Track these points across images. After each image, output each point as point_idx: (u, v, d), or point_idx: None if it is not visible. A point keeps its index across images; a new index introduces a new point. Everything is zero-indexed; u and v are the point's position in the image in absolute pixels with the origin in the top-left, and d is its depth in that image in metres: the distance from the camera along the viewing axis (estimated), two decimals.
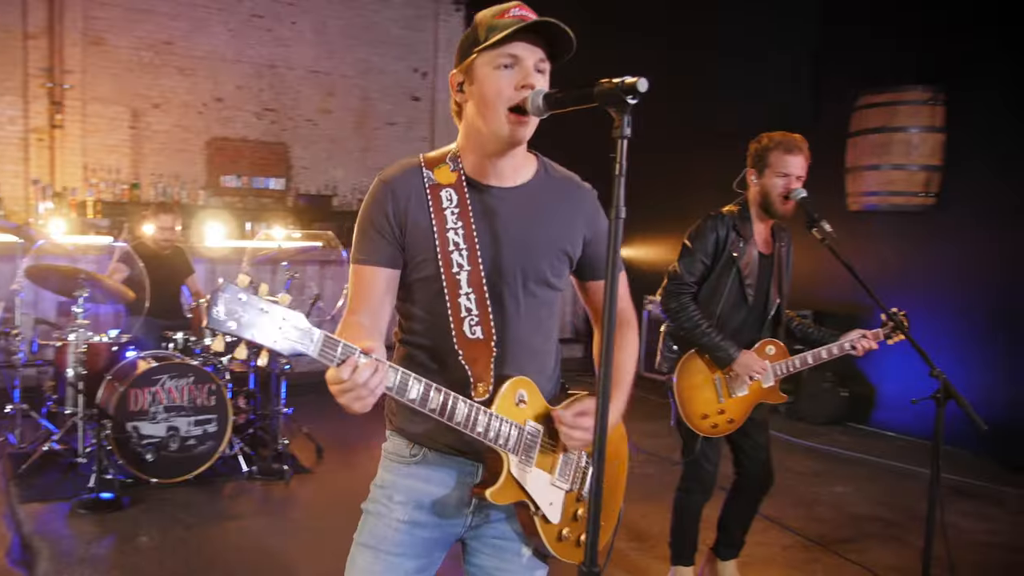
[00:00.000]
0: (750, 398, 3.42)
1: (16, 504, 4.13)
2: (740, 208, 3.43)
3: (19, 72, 8.65)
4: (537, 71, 1.72)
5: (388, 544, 1.83)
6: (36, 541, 3.66)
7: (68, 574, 3.60)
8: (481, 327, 1.77)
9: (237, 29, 10.17)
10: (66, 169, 8.77)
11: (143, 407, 4.60)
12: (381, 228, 1.78)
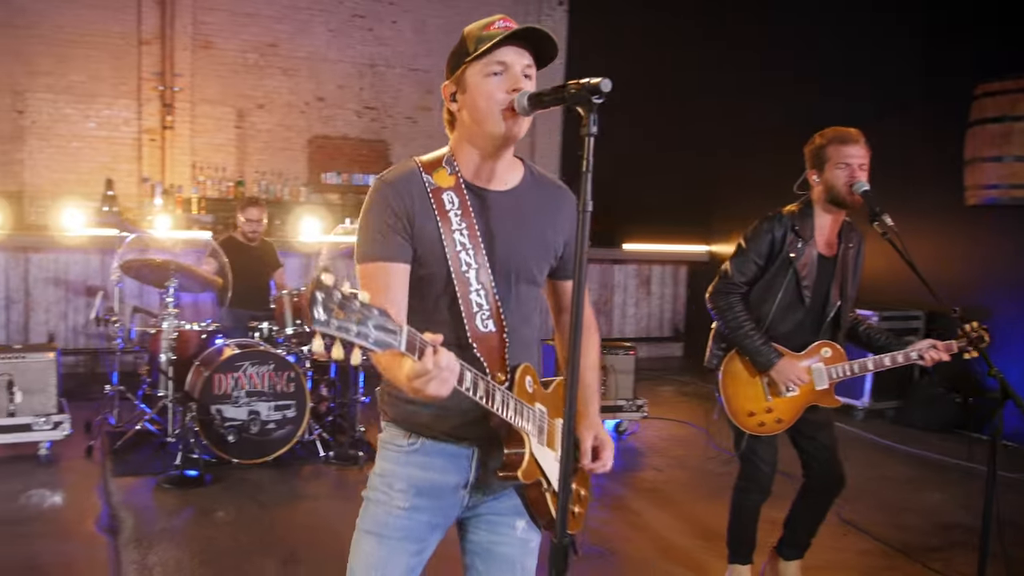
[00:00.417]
0: (800, 399, 3.40)
1: (109, 477, 4.55)
2: (801, 208, 3.41)
3: (133, 76, 9.37)
4: (524, 75, 1.85)
5: (390, 530, 1.96)
6: (122, 512, 4.04)
7: (147, 543, 3.92)
8: (493, 320, 1.90)
9: (338, 29, 10.62)
10: (175, 168, 9.44)
11: (226, 391, 4.93)
12: (394, 226, 1.87)
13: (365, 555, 1.97)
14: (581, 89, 1.65)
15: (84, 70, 9.17)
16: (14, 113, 8.92)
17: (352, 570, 1.98)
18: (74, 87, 9.14)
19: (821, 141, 3.32)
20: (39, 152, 9.00)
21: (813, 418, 3.46)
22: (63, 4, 8.99)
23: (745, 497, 3.55)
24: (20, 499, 4.37)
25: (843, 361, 3.42)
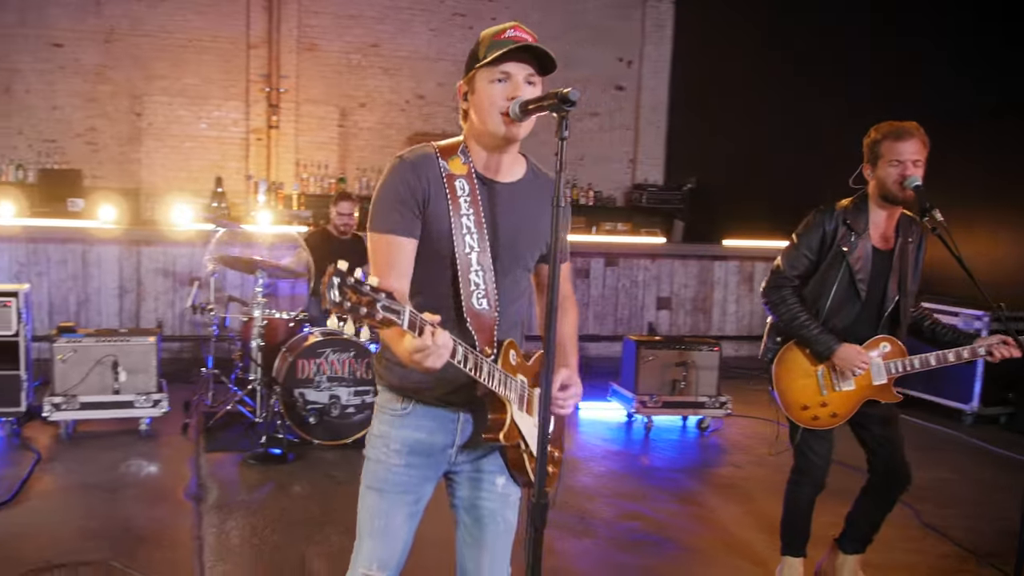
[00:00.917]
0: (856, 394, 3.45)
1: (201, 452, 5.02)
2: (855, 202, 3.47)
3: (242, 79, 10.08)
4: (528, 83, 2.10)
5: (390, 484, 2.25)
6: (209, 482, 4.49)
7: (227, 510, 4.35)
8: (487, 300, 2.16)
9: (439, 28, 11.03)
10: (280, 165, 10.08)
11: (309, 376, 5.34)
12: (407, 202, 2.11)
13: (369, 507, 2.27)
14: (556, 99, 1.90)
15: (197, 74, 9.95)
16: (133, 116, 9.77)
17: (360, 521, 2.28)
18: (187, 90, 9.93)
19: (876, 136, 3.38)
20: (155, 152, 9.83)
21: (874, 412, 3.51)
22: (177, 13, 9.79)
23: (798, 490, 3.64)
24: (120, 468, 4.92)
25: (903, 356, 3.45)
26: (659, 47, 11.95)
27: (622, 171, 12.02)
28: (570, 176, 11.65)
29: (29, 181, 9.12)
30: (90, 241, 7.41)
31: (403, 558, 2.30)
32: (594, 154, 11.83)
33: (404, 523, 2.26)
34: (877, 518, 3.70)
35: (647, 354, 6.38)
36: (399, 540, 2.26)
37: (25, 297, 5.53)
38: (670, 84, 11.98)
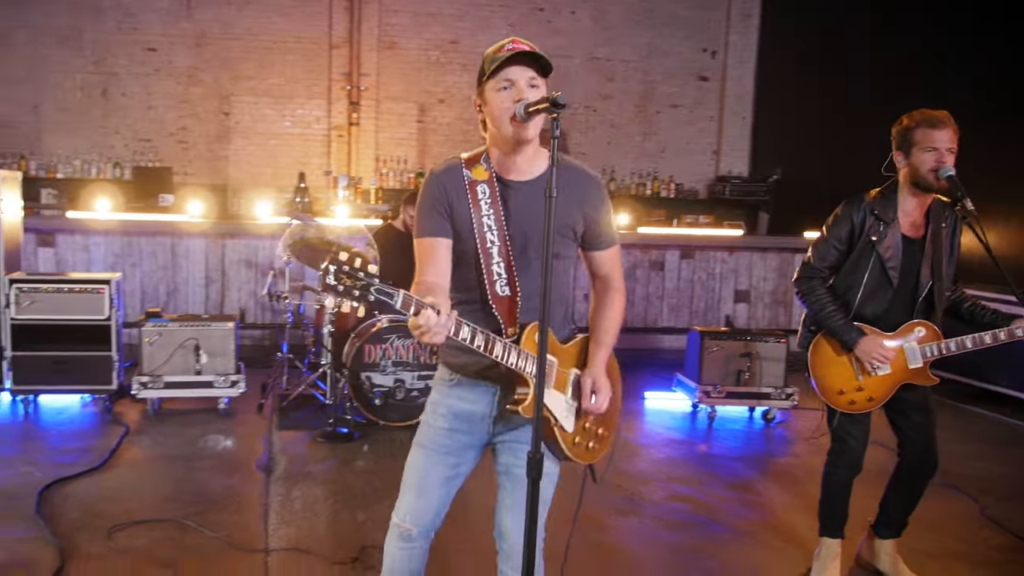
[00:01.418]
0: (891, 378, 3.58)
1: (274, 430, 5.46)
2: (883, 191, 3.60)
3: (324, 78, 10.66)
4: (531, 86, 2.36)
5: (433, 444, 2.59)
6: (279, 456, 4.92)
7: (293, 481, 4.77)
8: (509, 287, 2.48)
9: (518, 23, 11.37)
10: (361, 161, 10.62)
11: (375, 360, 5.72)
12: (435, 209, 2.47)
13: (413, 461, 2.63)
14: (549, 102, 2.18)
15: (282, 74, 10.58)
16: (221, 115, 10.48)
17: (404, 476, 2.64)
18: (272, 90, 10.57)
19: (909, 123, 3.50)
20: (242, 149, 10.52)
21: (910, 397, 3.65)
22: (263, 15, 10.44)
23: (835, 472, 3.78)
24: (199, 442, 5.42)
25: (938, 339, 3.57)
26: (745, 36, 11.96)
27: (705, 163, 12.10)
28: (650, 168, 11.82)
29: (125, 178, 9.94)
30: (179, 234, 8.04)
31: (436, 519, 2.62)
32: (676, 146, 11.96)
33: (440, 483, 2.58)
34: (908, 504, 3.82)
35: (711, 345, 6.54)
36: (434, 498, 2.59)
37: (117, 285, 6.12)
38: (756, 74, 11.98)
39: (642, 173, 11.80)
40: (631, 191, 11.63)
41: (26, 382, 5.92)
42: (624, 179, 11.75)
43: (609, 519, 4.47)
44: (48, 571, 3.56)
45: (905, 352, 3.58)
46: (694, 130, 12.04)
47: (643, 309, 9.09)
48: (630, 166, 11.82)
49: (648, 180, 11.75)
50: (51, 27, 10.12)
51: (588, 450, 2.63)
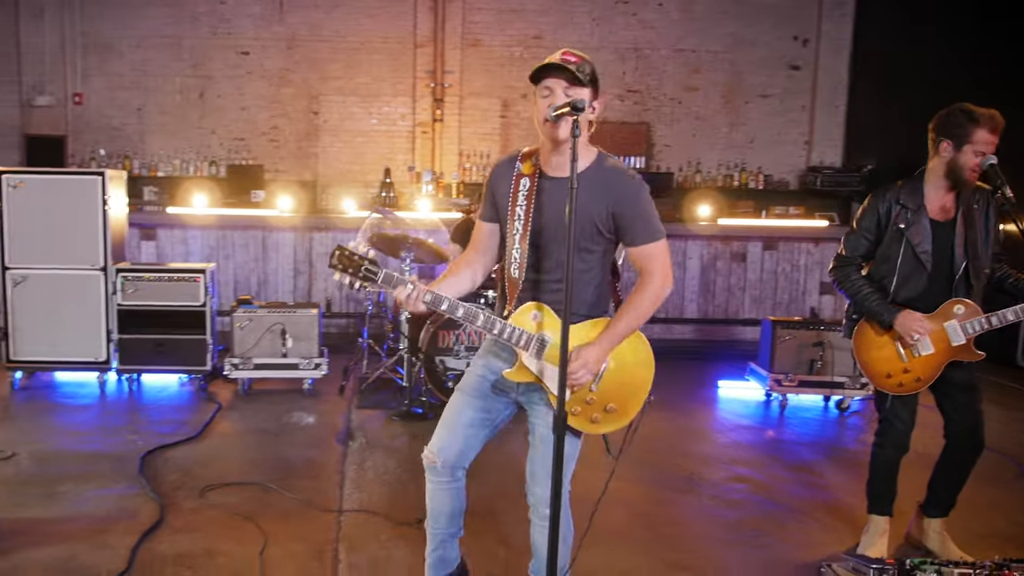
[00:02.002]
0: (937, 357, 3.79)
1: (353, 409, 5.96)
2: (910, 180, 3.82)
3: (409, 76, 11.23)
4: (566, 95, 2.73)
5: (467, 387, 3.07)
6: (357, 432, 5.43)
7: (368, 453, 5.27)
8: (518, 270, 2.90)
9: (602, 17, 11.69)
10: (444, 156, 11.14)
11: (448, 345, 6.16)
12: (487, 196, 3.02)
13: (450, 402, 3.10)
14: (570, 106, 2.58)
15: (368, 73, 11.21)
16: (311, 114, 11.18)
17: (445, 410, 3.11)
18: (359, 89, 11.20)
19: (962, 117, 3.67)
20: (330, 146, 11.19)
21: (955, 377, 3.85)
22: (350, 17, 11.09)
23: (881, 452, 4.02)
24: (283, 418, 5.98)
25: (978, 315, 3.76)
26: (839, 24, 11.95)
27: (796, 153, 12.14)
28: (738, 160, 11.95)
29: (220, 175, 10.73)
30: (269, 228, 8.69)
31: (461, 459, 3.05)
32: (765, 137, 12.05)
33: (468, 424, 3.01)
34: (955, 484, 4.02)
35: (783, 334, 6.74)
36: (459, 435, 3.02)
37: (211, 274, 6.75)
38: (851, 63, 11.96)
39: (729, 165, 11.94)
40: (717, 183, 11.79)
41: (130, 362, 6.62)
42: (710, 171, 11.91)
43: (665, 495, 4.78)
44: (149, 522, 4.12)
45: (947, 331, 3.78)
46: (784, 120, 12.09)
47: (724, 300, 9.28)
48: (717, 157, 11.97)
49: (736, 172, 11.87)
50: (153, 35, 11.02)
51: (592, 422, 2.95)
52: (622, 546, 4.08)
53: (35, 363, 6.56)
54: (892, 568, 3.51)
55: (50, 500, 4.39)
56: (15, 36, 10.88)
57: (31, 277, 6.38)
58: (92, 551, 3.81)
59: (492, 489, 4.32)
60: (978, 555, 3.77)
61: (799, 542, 4.24)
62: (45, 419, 5.79)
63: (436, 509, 3.13)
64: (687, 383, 7.34)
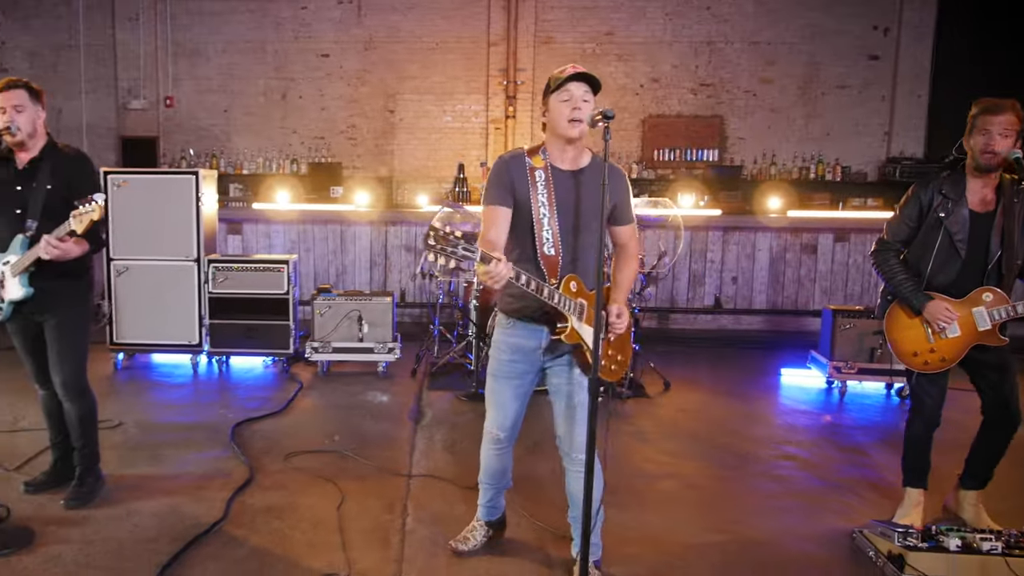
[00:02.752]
0: (962, 339, 4.17)
1: (424, 390, 6.57)
2: (951, 173, 4.20)
3: (482, 74, 11.83)
4: (584, 100, 3.36)
5: (501, 372, 3.67)
6: (426, 409, 6.06)
7: (435, 427, 5.86)
8: (554, 248, 3.44)
9: (675, 12, 12.07)
10: None
11: None
12: (501, 185, 3.48)
13: (490, 388, 3.72)
14: (602, 115, 3.15)
15: (443, 72, 11.86)
16: (387, 113, 11.89)
17: (486, 399, 3.74)
18: (434, 87, 11.86)
19: (975, 110, 4.10)
20: (405, 144, 11.88)
21: (985, 359, 4.23)
22: (425, 19, 11.76)
23: (913, 427, 4.42)
24: (359, 396, 6.63)
25: (1005, 303, 4.11)
26: (921, 13, 12.06)
27: (875, 144, 12.30)
28: (814, 151, 12.18)
29: (300, 172, 11.51)
30: (347, 222, 9.38)
31: (514, 428, 3.72)
32: (842, 128, 12.24)
33: (512, 399, 3.65)
34: (990, 458, 4.37)
35: (844, 323, 7.07)
36: (510, 410, 3.66)
37: (294, 265, 7.44)
38: (933, 51, 12.07)
39: (805, 156, 12.18)
40: (792, 175, 12.05)
41: (220, 345, 7.37)
42: (785, 163, 12.17)
43: (714, 471, 5.22)
44: (240, 480, 4.77)
45: (974, 316, 4.15)
46: (863, 111, 12.25)
47: (794, 292, 9.58)
48: (792, 149, 12.22)
49: (811, 164, 12.11)
50: (238, 40, 11.88)
51: (612, 371, 3.64)
52: (667, 511, 4.56)
53: (135, 345, 7.36)
54: (917, 532, 3.91)
55: (155, 461, 5.09)
56: (112, 44, 11.89)
57: (132, 268, 7.17)
58: (193, 503, 4.47)
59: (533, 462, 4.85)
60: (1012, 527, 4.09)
61: (837, 512, 4.62)
62: (146, 395, 6.55)
63: (492, 468, 3.89)
64: (751, 371, 7.73)
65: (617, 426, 5.92)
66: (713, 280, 9.54)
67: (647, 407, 6.48)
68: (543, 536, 4.18)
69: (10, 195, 4.20)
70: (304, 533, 4.14)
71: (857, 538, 4.19)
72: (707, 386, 7.18)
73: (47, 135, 4.32)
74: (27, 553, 3.86)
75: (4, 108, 4.11)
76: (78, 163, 4.31)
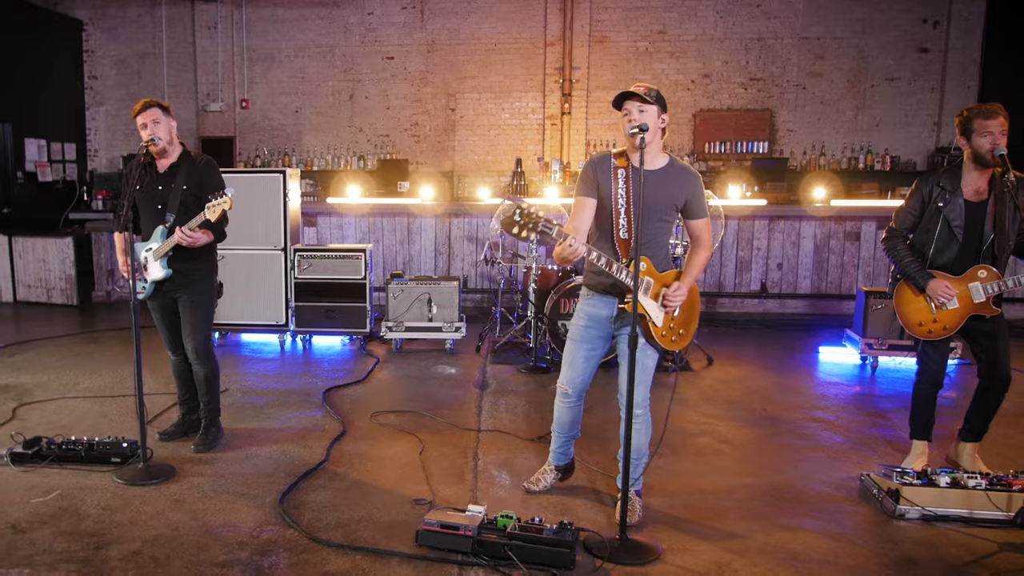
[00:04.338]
0: (960, 311, 4.96)
1: (488, 364, 7.57)
2: (949, 168, 4.99)
3: (539, 73, 12.77)
4: (639, 111, 4.14)
5: (577, 335, 4.51)
6: (491, 380, 7.11)
7: (500, 393, 6.79)
8: (627, 232, 4.27)
9: (725, 10, 12.86)
10: (572, 146, 12.62)
11: (569, 311, 7.60)
12: (588, 180, 4.34)
13: (567, 348, 4.57)
14: (639, 129, 3.96)
15: (501, 72, 12.82)
16: (448, 111, 12.90)
17: (563, 357, 4.58)
18: (493, 86, 12.84)
19: (968, 115, 4.87)
20: (465, 140, 12.89)
21: (981, 327, 5.02)
22: (484, 22, 12.74)
23: (918, 387, 5.22)
24: (430, 369, 7.61)
25: (998, 279, 4.90)
26: (971, 5, 12.66)
27: (924, 135, 12.95)
28: (863, 142, 12.87)
29: (367, 168, 12.58)
30: (413, 214, 10.38)
31: (583, 385, 4.54)
32: (891, 120, 12.91)
33: (584, 360, 4.49)
34: (985, 413, 5.15)
35: (875, 303, 7.85)
36: (580, 370, 4.50)
37: (370, 254, 8.44)
38: (983, 43, 12.65)
39: (854, 148, 12.87)
40: (842, 165, 12.75)
41: (304, 325, 8.42)
42: (835, 154, 12.87)
43: (747, 430, 6.06)
44: (335, 432, 5.76)
45: (971, 290, 4.94)
46: (913, 102, 12.91)
47: (837, 277, 10.32)
48: (842, 141, 12.94)
49: (860, 154, 12.80)
50: (309, 45, 13.01)
51: (672, 342, 4.41)
52: (701, 460, 5.43)
53: (229, 325, 8.46)
54: (913, 472, 4.72)
55: (262, 418, 6.12)
56: (192, 51, 13.07)
57: (227, 256, 8.23)
58: (298, 449, 5.46)
59: (599, 420, 5.75)
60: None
61: (853, 462, 5.43)
62: (243, 367, 7.62)
63: (563, 420, 4.72)
64: (792, 349, 8.54)
65: (661, 393, 6.76)
66: (759, 266, 10.32)
67: (691, 379, 7.34)
68: (595, 476, 5.08)
69: (153, 194, 5.24)
70: (394, 471, 5.10)
71: (865, 480, 5.01)
72: (748, 362, 8.02)
73: (181, 145, 5.36)
74: (174, 482, 4.88)
75: (145, 124, 5.15)
76: (208, 167, 5.33)
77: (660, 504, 4.68)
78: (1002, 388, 5.04)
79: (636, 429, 4.26)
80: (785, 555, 4.08)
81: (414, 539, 4.06)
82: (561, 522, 4.01)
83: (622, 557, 3.96)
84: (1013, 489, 4.49)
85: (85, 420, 6.04)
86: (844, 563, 4.00)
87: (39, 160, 12.26)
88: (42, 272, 10.78)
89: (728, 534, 4.33)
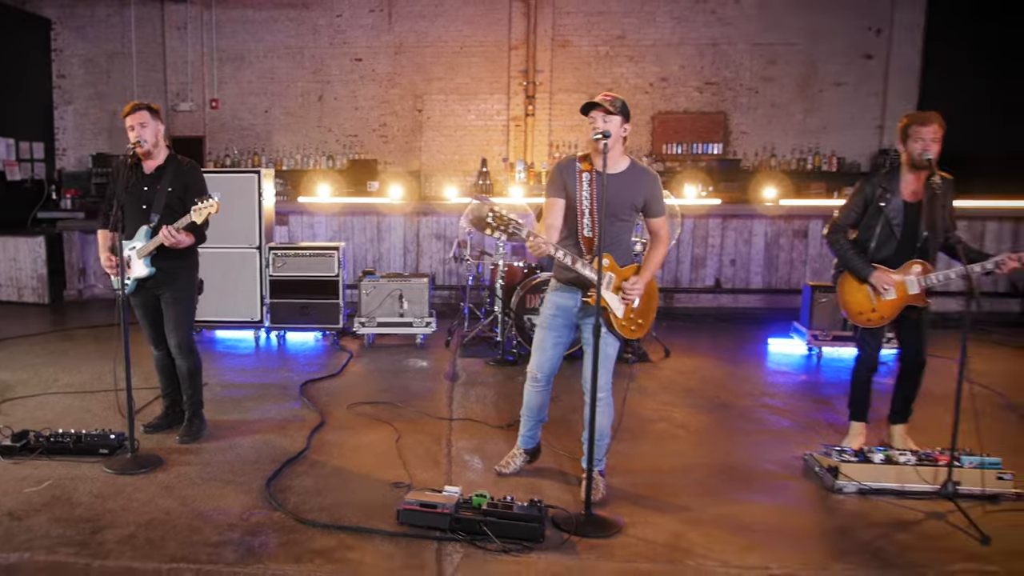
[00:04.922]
0: (897, 301, 5.34)
1: (457, 357, 7.87)
2: (889, 170, 5.36)
3: (504, 75, 13.07)
4: (604, 120, 4.41)
5: (545, 323, 4.82)
6: (461, 372, 7.45)
7: (470, 385, 7.09)
8: (591, 230, 4.58)
9: (682, 16, 13.23)
10: (536, 147, 12.93)
11: (535, 306, 7.89)
12: (558, 183, 4.64)
13: (536, 335, 4.87)
14: (603, 134, 4.26)
15: (467, 74, 13.11)
16: (415, 112, 13.17)
17: (533, 343, 4.88)
18: (459, 88, 13.12)
19: (906, 122, 5.24)
20: (432, 140, 13.16)
21: (909, 317, 5.40)
22: (451, 25, 13.02)
23: (857, 371, 5.59)
24: (402, 362, 7.89)
25: (931, 272, 5.28)
26: (911, 13, 13.13)
27: (868, 137, 13.43)
28: (811, 144, 13.32)
29: (338, 168, 12.79)
30: (382, 213, 10.62)
31: (551, 370, 4.84)
32: (838, 122, 13.38)
33: (551, 347, 4.79)
34: (908, 395, 5.56)
35: (820, 296, 8.25)
36: (548, 356, 4.81)
37: (342, 252, 8.67)
38: (923, 49, 13.15)
39: (803, 149, 13.32)
40: (791, 166, 13.19)
41: (279, 321, 8.65)
42: (784, 155, 13.31)
43: (700, 416, 6.41)
44: (314, 423, 6.01)
45: (906, 283, 5.31)
46: (858, 106, 13.39)
47: (786, 273, 10.73)
48: (791, 143, 13.38)
49: (809, 155, 13.25)
50: (279, 46, 13.19)
51: (632, 331, 4.74)
52: (659, 444, 5.77)
53: (205, 322, 8.66)
54: (851, 451, 5.09)
55: (242, 410, 6.35)
56: (162, 51, 13.17)
57: (204, 255, 8.37)
58: (279, 438, 5.71)
59: (564, 408, 6.07)
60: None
61: (799, 444, 5.78)
62: (220, 363, 7.83)
63: (532, 404, 5.02)
64: (744, 341, 8.93)
65: (622, 384, 7.09)
66: (714, 263, 10.70)
67: (649, 369, 7.68)
68: (562, 459, 5.39)
69: (138, 194, 5.44)
70: (372, 458, 5.37)
71: (808, 459, 5.37)
72: (703, 353, 8.38)
73: (168, 148, 5.56)
74: (162, 471, 5.11)
75: (133, 126, 5.35)
76: (192, 171, 5.54)
77: (621, 483, 4.99)
78: (919, 371, 5.46)
79: (599, 412, 4.57)
80: (736, 525, 4.44)
81: (395, 518, 4.34)
82: (531, 500, 4.32)
83: (587, 531, 4.29)
84: (939, 464, 4.87)
85: (68, 415, 6.21)
86: (788, 532, 4.37)
87: (7, 159, 12.30)
88: (13, 271, 10.85)
89: (684, 508, 4.67)
